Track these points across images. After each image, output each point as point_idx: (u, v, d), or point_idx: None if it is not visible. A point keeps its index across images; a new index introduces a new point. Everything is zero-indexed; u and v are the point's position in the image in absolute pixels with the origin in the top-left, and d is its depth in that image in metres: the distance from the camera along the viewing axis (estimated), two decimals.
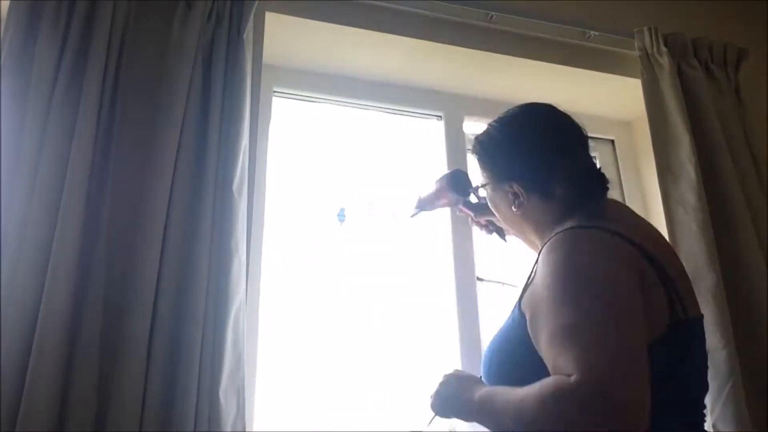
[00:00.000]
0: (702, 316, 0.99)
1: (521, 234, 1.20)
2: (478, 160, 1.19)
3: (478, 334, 1.67)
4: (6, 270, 1.13)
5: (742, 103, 1.91)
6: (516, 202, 1.10)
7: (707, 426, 1.48)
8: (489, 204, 1.21)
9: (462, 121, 1.96)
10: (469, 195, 1.41)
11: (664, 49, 1.82)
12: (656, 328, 0.86)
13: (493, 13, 1.79)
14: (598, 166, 1.13)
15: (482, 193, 1.24)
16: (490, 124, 1.18)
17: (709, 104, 1.81)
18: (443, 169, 1.87)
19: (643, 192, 2.08)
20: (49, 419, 1.07)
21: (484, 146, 1.16)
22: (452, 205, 1.48)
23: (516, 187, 1.09)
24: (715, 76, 1.90)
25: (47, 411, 1.07)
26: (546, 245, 0.95)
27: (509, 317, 1.03)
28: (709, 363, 1.47)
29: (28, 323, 1.11)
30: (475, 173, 1.24)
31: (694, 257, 1.61)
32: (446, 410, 1.06)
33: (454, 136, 1.92)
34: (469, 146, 1.92)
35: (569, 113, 1.14)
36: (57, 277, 1.13)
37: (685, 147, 1.71)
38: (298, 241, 1.74)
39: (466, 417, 1.01)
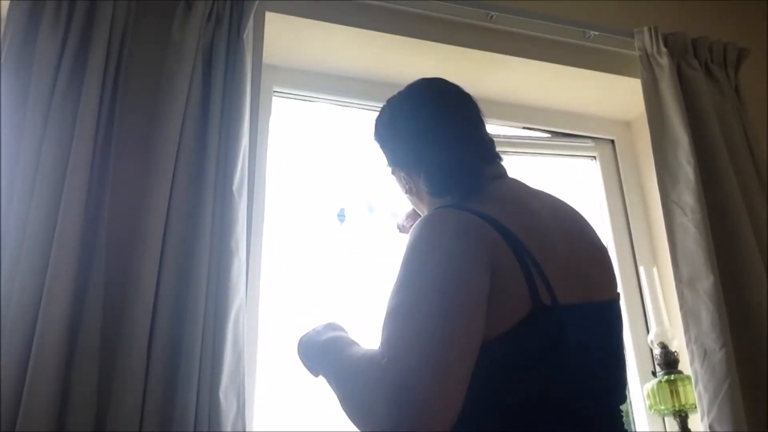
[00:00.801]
0: (595, 302, 0.90)
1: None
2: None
3: None
4: (6, 270, 1.13)
5: (742, 103, 1.91)
6: (407, 187, 1.09)
7: (702, 427, 1.49)
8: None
9: None
10: None
11: (664, 49, 1.82)
12: (511, 315, 0.80)
13: (493, 13, 1.79)
14: (486, 138, 1.07)
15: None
16: (382, 108, 1.14)
17: (708, 105, 1.81)
18: None
19: (643, 192, 2.08)
20: (49, 419, 1.07)
21: (376, 132, 1.14)
22: None
23: (403, 173, 1.08)
24: (715, 76, 1.90)
25: (47, 411, 1.07)
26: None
27: None
28: (704, 364, 1.42)
29: (28, 323, 1.11)
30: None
31: (692, 259, 1.61)
32: (301, 354, 1.02)
33: None
34: None
35: (461, 86, 1.11)
36: (57, 277, 1.13)
37: (684, 148, 1.71)
38: (298, 242, 1.74)
39: (313, 360, 0.98)
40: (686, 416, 1.65)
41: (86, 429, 1.10)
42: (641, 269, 1.88)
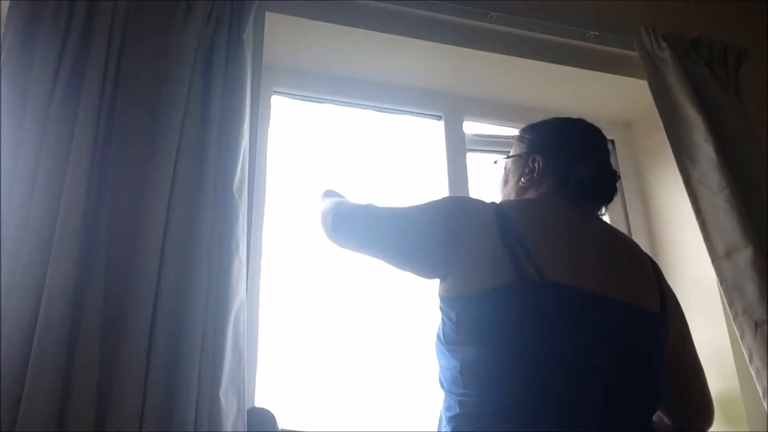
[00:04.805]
0: (601, 295, 0.98)
1: None
2: (520, 131, 1.31)
3: None
4: (6, 270, 1.13)
5: (743, 103, 1.91)
6: (529, 176, 1.20)
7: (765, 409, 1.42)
8: (502, 177, 1.32)
9: (462, 122, 1.96)
10: None
11: (664, 44, 1.82)
12: (489, 277, 0.96)
13: (493, 13, 1.79)
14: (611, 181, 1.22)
15: (501, 163, 1.35)
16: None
17: (715, 91, 1.80)
18: (443, 169, 1.87)
19: (643, 192, 2.08)
20: (49, 419, 1.07)
21: (535, 124, 1.29)
22: None
23: (538, 161, 1.20)
24: (715, 75, 1.90)
25: (47, 411, 1.07)
26: None
27: None
28: (757, 337, 1.44)
29: (28, 323, 1.11)
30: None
31: (727, 233, 1.56)
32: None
33: (454, 136, 1.92)
34: (469, 146, 1.94)
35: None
36: (57, 277, 1.13)
37: (699, 129, 1.69)
38: (298, 241, 1.74)
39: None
40: None
41: (86, 429, 1.10)
42: None
